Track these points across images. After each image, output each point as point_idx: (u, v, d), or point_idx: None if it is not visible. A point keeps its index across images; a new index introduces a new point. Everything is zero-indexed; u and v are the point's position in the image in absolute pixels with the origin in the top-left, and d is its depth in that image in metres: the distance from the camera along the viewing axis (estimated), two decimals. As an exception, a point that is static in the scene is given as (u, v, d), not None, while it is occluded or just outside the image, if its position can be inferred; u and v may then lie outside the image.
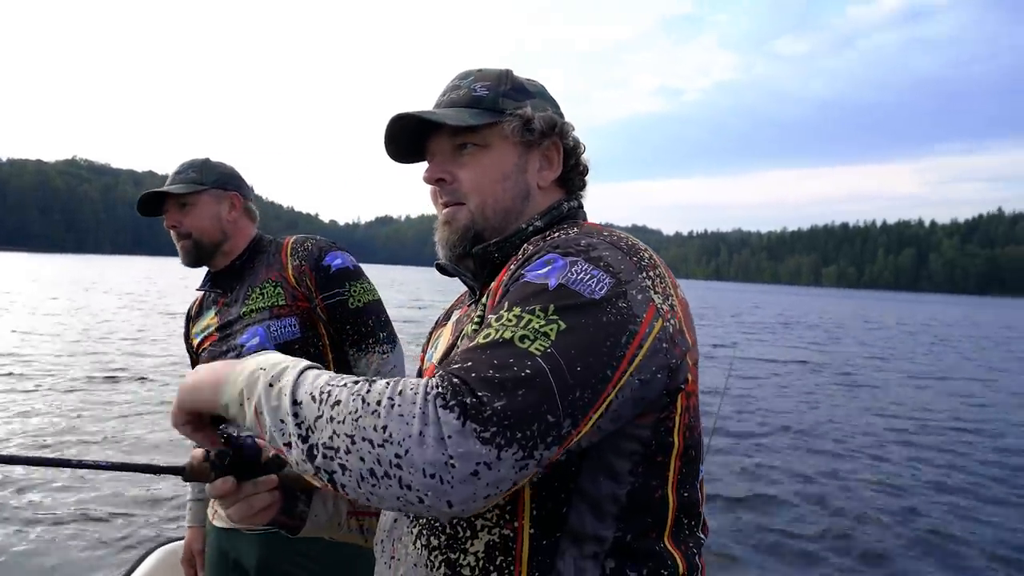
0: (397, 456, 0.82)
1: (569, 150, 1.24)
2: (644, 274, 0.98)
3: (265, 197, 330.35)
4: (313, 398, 0.88)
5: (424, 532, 1.06)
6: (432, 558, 1.03)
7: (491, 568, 0.98)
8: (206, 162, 2.37)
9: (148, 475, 1.19)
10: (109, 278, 48.59)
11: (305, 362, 0.96)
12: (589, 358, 0.87)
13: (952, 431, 10.84)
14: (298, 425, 0.88)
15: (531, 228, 1.18)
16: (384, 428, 0.83)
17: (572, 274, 0.94)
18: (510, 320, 0.91)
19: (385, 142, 1.23)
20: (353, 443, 0.84)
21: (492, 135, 1.18)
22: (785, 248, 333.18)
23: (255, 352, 2.12)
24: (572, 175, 1.26)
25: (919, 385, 15.90)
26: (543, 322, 0.89)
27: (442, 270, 1.26)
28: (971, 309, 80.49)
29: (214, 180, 2.32)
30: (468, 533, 1.01)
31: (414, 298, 42.93)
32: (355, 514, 1.38)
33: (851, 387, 15.08)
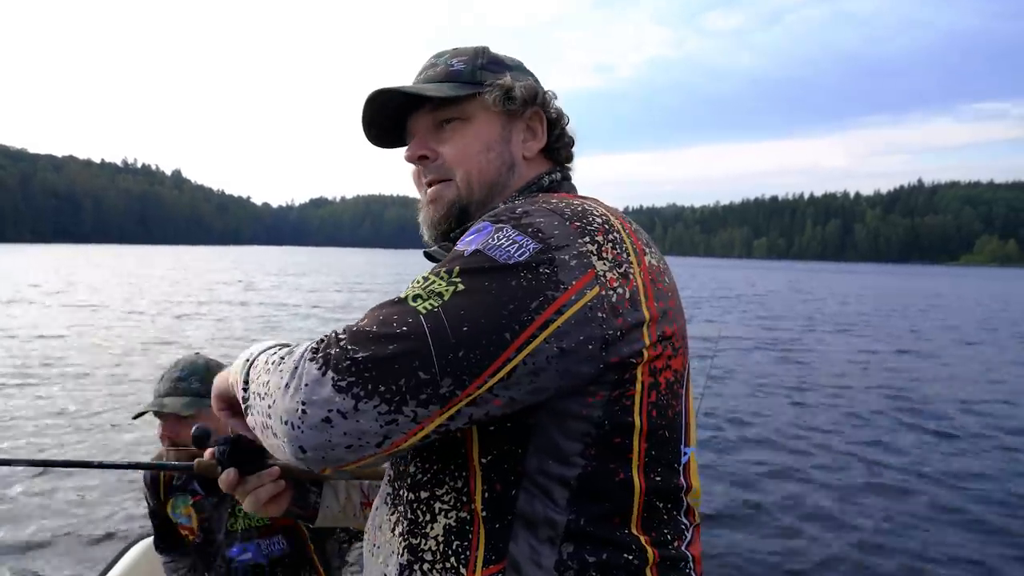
0: (269, 407, 0.89)
1: (552, 120, 1.22)
2: (587, 238, 0.94)
3: (194, 180, 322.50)
4: (257, 364, 0.97)
5: (396, 519, 1.06)
6: (399, 544, 1.03)
7: (449, 552, 0.97)
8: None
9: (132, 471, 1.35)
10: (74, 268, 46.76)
11: (284, 342, 1.00)
12: (481, 319, 0.86)
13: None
14: (244, 387, 0.98)
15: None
16: (267, 383, 0.91)
17: (493, 240, 0.93)
18: (418, 282, 0.93)
19: (364, 125, 1.22)
20: (256, 399, 0.93)
21: (474, 107, 1.16)
22: (717, 221, 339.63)
23: (248, 563, 2.25)
24: (558, 146, 1.23)
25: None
26: (443, 284, 0.90)
27: (429, 257, 1.22)
28: (901, 279, 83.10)
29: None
30: (428, 517, 1.00)
31: (351, 281, 42.74)
32: (370, 504, 1.37)
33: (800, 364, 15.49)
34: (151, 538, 2.86)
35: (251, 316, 20.58)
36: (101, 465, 1.21)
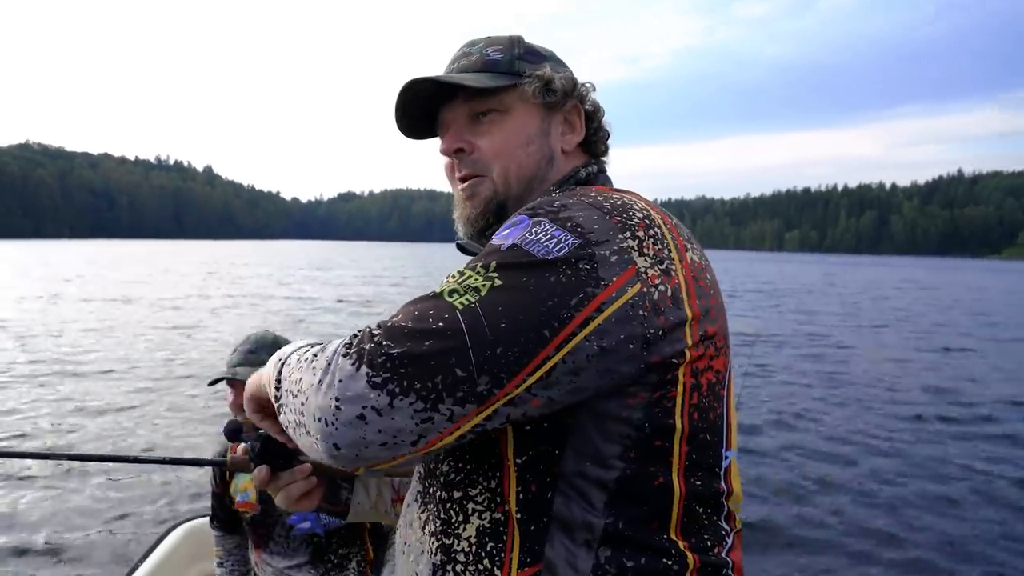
0: (302, 404, 0.87)
1: (590, 113, 1.19)
2: (628, 234, 0.92)
3: (225, 176, 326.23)
4: (289, 362, 0.96)
5: (427, 518, 1.04)
6: (431, 544, 1.01)
7: (482, 554, 0.96)
8: None
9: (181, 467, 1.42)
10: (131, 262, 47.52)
11: (316, 341, 1.00)
12: (519, 316, 0.84)
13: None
14: (276, 387, 0.96)
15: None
16: (300, 380, 0.89)
17: (531, 235, 0.91)
18: (454, 276, 0.91)
19: (396, 116, 1.18)
20: (288, 397, 0.92)
21: (512, 98, 1.13)
22: (748, 214, 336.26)
23: (306, 532, 2.46)
24: (595, 139, 1.20)
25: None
26: (480, 279, 0.88)
27: (462, 249, 1.19)
28: (941, 273, 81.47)
29: None
30: (460, 518, 0.98)
31: (375, 274, 42.75)
32: (401, 500, 1.37)
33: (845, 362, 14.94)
34: (193, 521, 3.26)
35: (278, 310, 20.50)
36: (143, 460, 1.28)
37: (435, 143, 1.20)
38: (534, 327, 0.84)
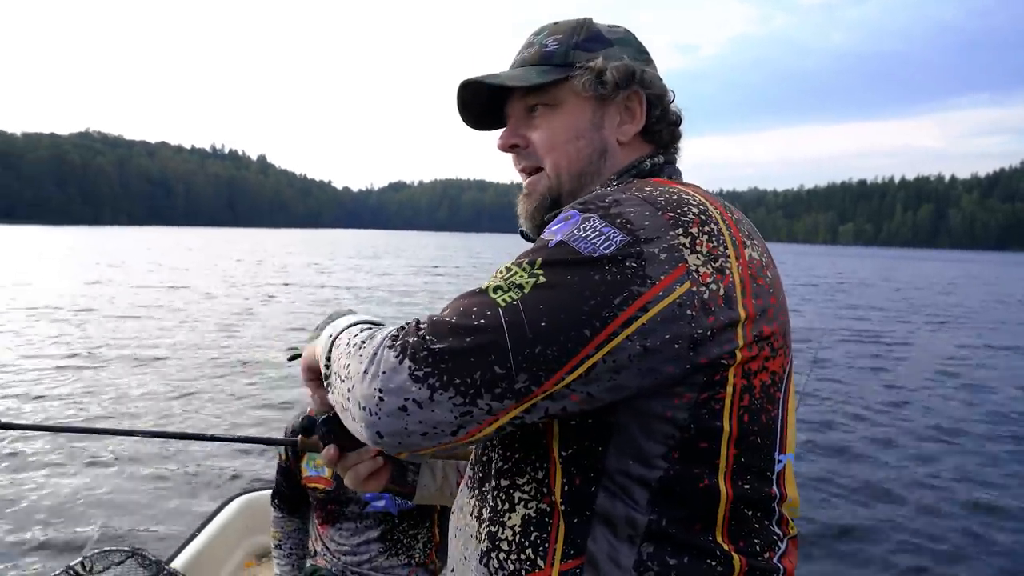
0: (348, 391, 0.90)
1: (654, 100, 1.13)
2: (680, 230, 0.90)
3: (278, 165, 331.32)
4: (339, 344, 0.99)
5: (476, 504, 1.05)
6: (480, 530, 1.03)
7: (526, 543, 0.97)
8: None
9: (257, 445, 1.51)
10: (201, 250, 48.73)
11: (369, 317, 1.04)
12: (560, 315, 0.84)
13: None
14: (327, 365, 1.00)
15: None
16: (347, 366, 0.92)
17: (579, 231, 0.90)
18: (501, 272, 0.92)
19: (459, 111, 1.20)
20: (336, 379, 0.95)
21: (563, 92, 1.11)
22: (801, 206, 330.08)
23: (380, 511, 2.46)
24: (659, 127, 1.14)
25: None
26: (525, 276, 0.88)
27: (526, 237, 1.18)
28: (1005, 268, 78.66)
29: None
30: (507, 506, 1.00)
31: (427, 264, 42.98)
32: None
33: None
34: (251, 494, 3.31)
35: (326, 299, 20.76)
36: (215, 438, 1.33)
37: (486, 134, 1.22)
38: (575, 326, 0.84)
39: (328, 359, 0.99)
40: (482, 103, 1.18)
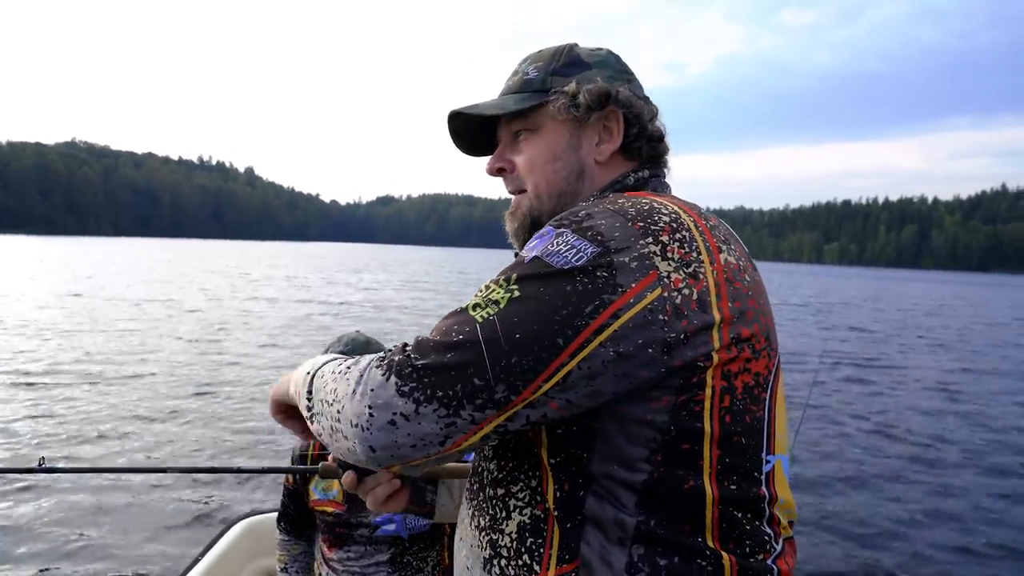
0: (338, 412, 0.94)
1: (631, 118, 1.15)
2: (651, 239, 0.92)
3: (265, 178, 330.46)
4: (322, 374, 1.02)
5: (475, 513, 1.08)
6: (480, 539, 1.05)
7: (523, 549, 0.98)
8: None
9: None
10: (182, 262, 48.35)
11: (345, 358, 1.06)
12: (533, 326, 0.87)
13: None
14: (308, 397, 1.03)
15: None
16: (335, 391, 0.96)
17: (552, 246, 0.94)
18: (482, 290, 0.95)
19: (452, 140, 1.25)
20: (323, 406, 0.98)
21: (541, 117, 1.15)
22: (787, 225, 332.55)
23: (390, 535, 2.45)
24: (638, 144, 1.16)
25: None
26: (502, 291, 0.92)
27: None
28: (987, 290, 79.54)
29: None
30: (503, 514, 1.02)
31: (414, 279, 42.88)
32: None
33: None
34: (254, 517, 3.29)
35: (306, 314, 20.62)
36: (241, 470, 1.38)
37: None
38: (548, 336, 0.87)
39: (309, 392, 1.02)
40: (474, 130, 1.24)
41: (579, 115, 1.12)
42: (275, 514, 2.63)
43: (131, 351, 12.84)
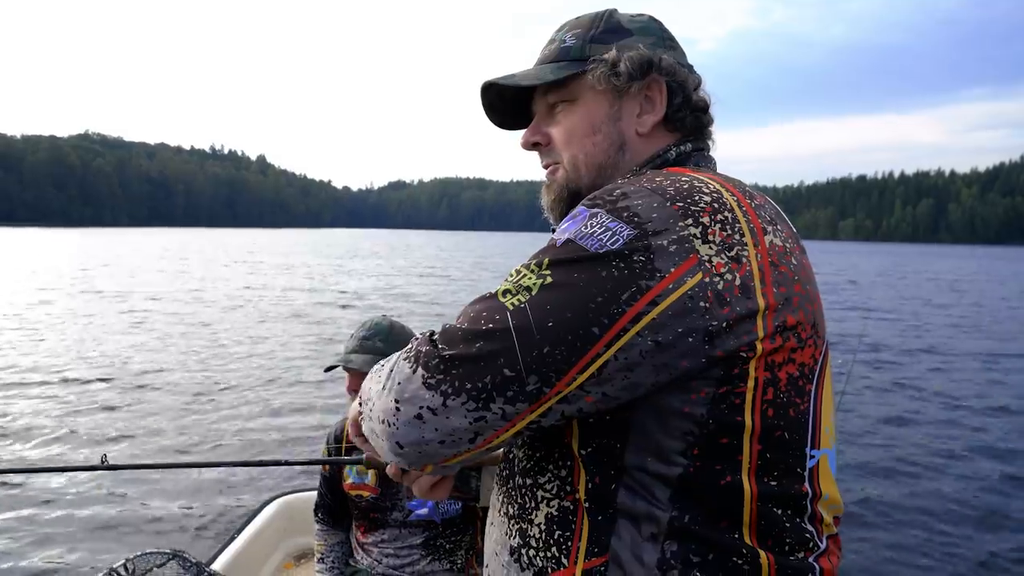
0: (371, 410, 0.92)
1: (674, 87, 1.09)
2: (691, 220, 0.87)
3: (278, 165, 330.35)
4: (370, 375, 1.00)
5: (505, 501, 1.06)
6: (510, 527, 1.03)
7: (551, 541, 0.96)
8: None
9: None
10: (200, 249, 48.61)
11: None
12: (567, 314, 0.83)
13: None
14: (359, 403, 1.02)
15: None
16: (370, 389, 0.95)
17: (586, 228, 0.89)
18: (512, 275, 0.91)
19: (485, 113, 1.20)
20: (366, 407, 0.96)
21: (579, 87, 1.10)
22: (801, 202, 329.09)
23: (424, 519, 2.42)
24: (681, 114, 1.11)
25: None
26: (533, 277, 0.88)
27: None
28: (1008, 263, 78.09)
29: None
30: (532, 504, 0.99)
31: (429, 265, 42.92)
32: None
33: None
34: (289, 495, 3.36)
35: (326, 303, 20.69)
36: (288, 463, 1.46)
37: (484, 134, 1.31)
38: (583, 325, 0.83)
39: (361, 397, 1.01)
40: (508, 103, 1.19)
41: (620, 84, 1.07)
42: (308, 493, 2.68)
43: (182, 349, 12.90)
